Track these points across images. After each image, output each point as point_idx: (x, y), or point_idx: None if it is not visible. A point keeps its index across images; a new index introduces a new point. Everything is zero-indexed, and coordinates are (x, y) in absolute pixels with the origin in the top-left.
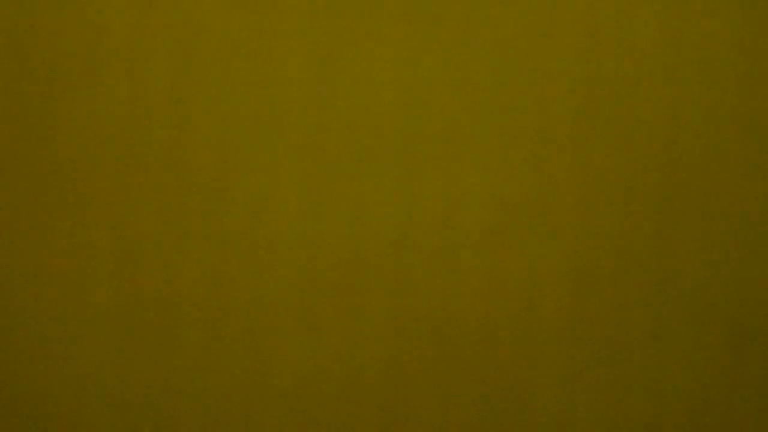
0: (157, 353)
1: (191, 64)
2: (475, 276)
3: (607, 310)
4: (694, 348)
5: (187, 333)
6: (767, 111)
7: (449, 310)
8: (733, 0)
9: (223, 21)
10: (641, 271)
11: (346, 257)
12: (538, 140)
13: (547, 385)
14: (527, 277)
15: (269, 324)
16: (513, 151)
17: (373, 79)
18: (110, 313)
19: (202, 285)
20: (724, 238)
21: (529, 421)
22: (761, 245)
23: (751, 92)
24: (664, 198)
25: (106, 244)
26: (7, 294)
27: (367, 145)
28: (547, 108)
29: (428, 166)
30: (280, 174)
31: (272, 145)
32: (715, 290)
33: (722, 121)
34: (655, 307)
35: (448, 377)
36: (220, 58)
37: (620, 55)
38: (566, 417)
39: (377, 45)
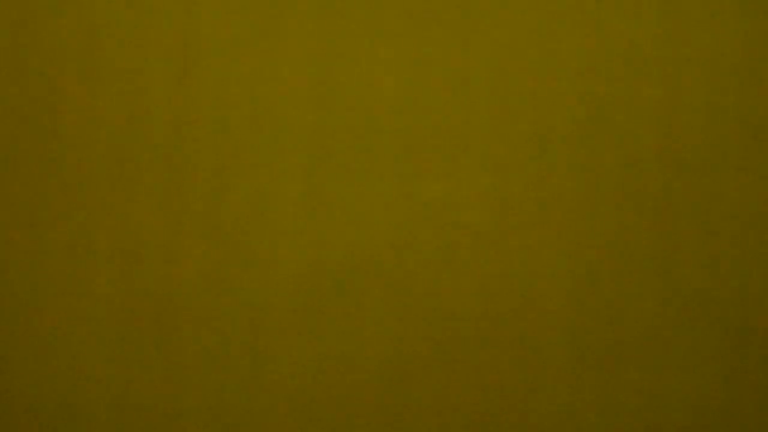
0: (157, 353)
1: (191, 64)
2: (475, 276)
3: (607, 310)
4: (694, 348)
5: (187, 333)
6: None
7: (449, 310)
8: (733, 0)
9: (223, 21)
10: (641, 271)
11: (346, 257)
12: (538, 140)
13: (548, 385)
14: (527, 277)
15: (269, 324)
16: (513, 151)
17: (374, 79)
18: (110, 312)
19: (202, 285)
20: (724, 238)
21: (529, 421)
22: (761, 245)
23: (751, 92)
24: (664, 198)
25: (106, 244)
26: (7, 294)
27: (367, 145)
28: (548, 108)
29: (428, 166)
30: (280, 174)
31: (272, 145)
32: (715, 290)
33: (723, 122)
34: (655, 307)
35: (448, 377)
36: (220, 58)
37: (621, 55)
38: (566, 417)
39: (378, 45)
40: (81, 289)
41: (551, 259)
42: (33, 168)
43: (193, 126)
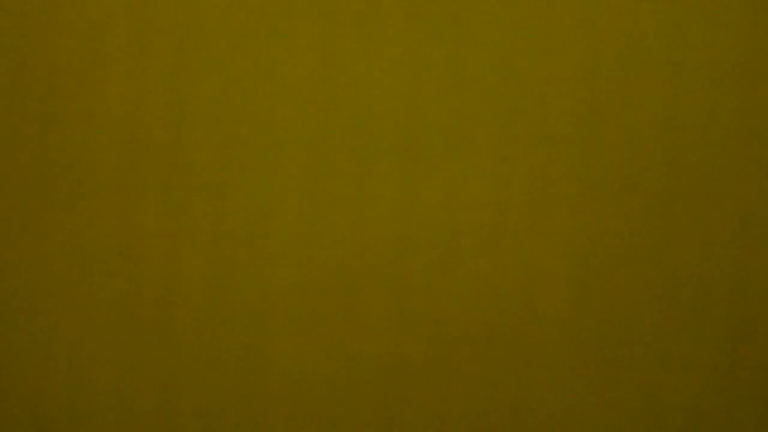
0: (157, 353)
1: (191, 64)
2: (475, 276)
3: (607, 310)
4: (693, 348)
5: (188, 333)
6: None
7: (449, 310)
8: (734, 0)
9: (223, 21)
10: (642, 272)
11: (347, 257)
12: (539, 141)
13: (548, 385)
14: (527, 277)
15: (269, 324)
16: (514, 152)
17: (374, 79)
18: (110, 312)
19: (202, 284)
20: (724, 237)
21: (529, 421)
22: (761, 245)
23: (752, 92)
24: (664, 198)
25: (106, 244)
26: (7, 294)
27: (368, 145)
28: (548, 109)
29: (429, 166)
30: (280, 174)
31: (272, 145)
32: (715, 290)
33: (723, 122)
34: (655, 307)
35: (448, 377)
36: (221, 58)
37: (621, 56)
38: (566, 417)
39: (378, 45)
40: (81, 289)
41: (551, 260)
42: (33, 168)
43: (193, 126)
